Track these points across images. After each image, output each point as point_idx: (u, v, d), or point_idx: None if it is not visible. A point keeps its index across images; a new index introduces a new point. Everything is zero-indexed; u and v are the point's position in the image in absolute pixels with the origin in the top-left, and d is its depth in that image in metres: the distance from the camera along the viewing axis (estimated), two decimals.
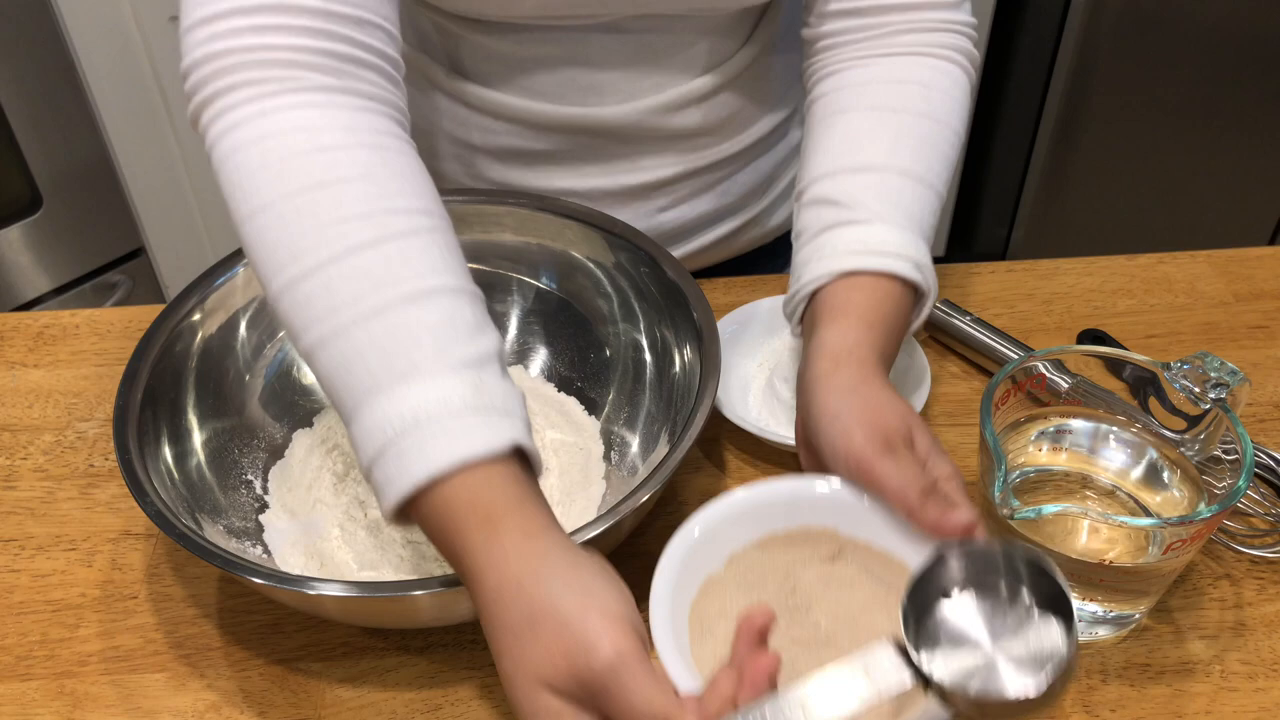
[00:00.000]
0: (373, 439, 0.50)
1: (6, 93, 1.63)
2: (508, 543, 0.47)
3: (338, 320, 0.51)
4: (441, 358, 0.50)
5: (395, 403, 0.49)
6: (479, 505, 0.48)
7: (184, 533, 0.57)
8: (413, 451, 0.49)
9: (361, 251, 0.52)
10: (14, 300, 1.77)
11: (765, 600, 0.53)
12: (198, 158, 1.86)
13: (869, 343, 0.59)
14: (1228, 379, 0.59)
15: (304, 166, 0.53)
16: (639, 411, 0.73)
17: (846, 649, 0.50)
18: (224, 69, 0.55)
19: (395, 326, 0.51)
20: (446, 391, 0.49)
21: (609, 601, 0.46)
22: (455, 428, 0.49)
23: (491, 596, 0.47)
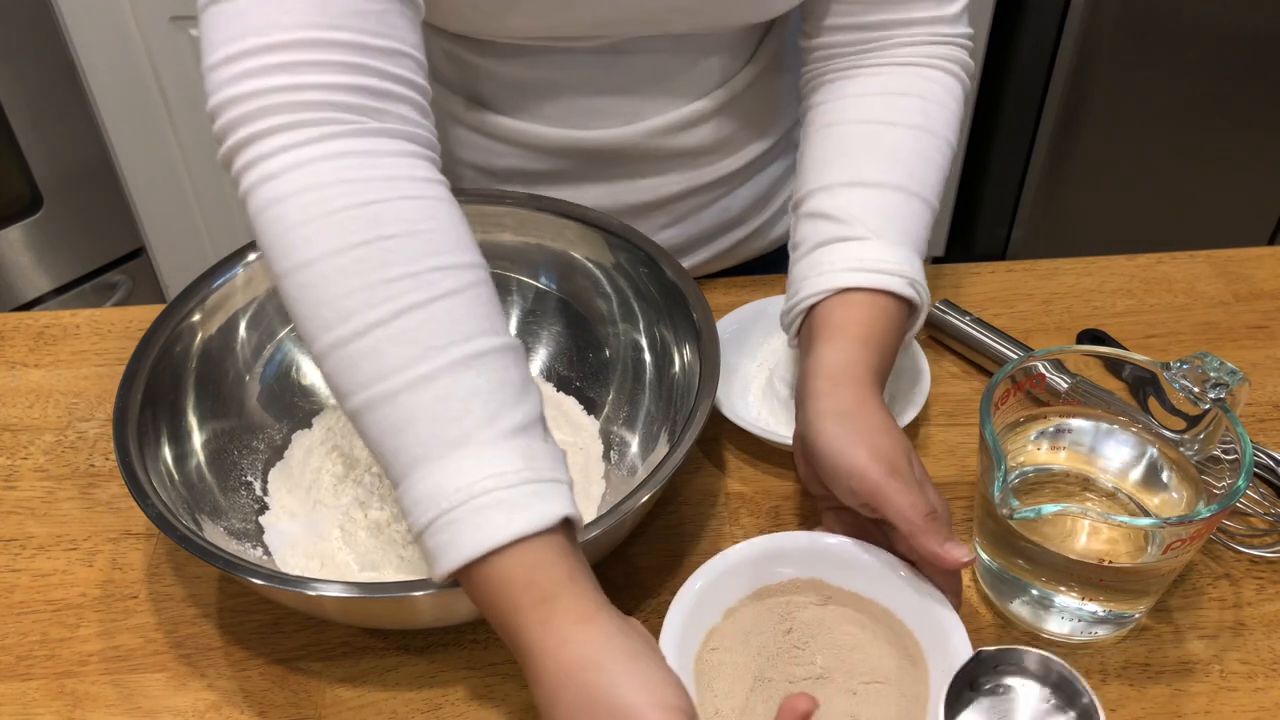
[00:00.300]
0: (423, 507, 0.50)
1: (6, 93, 1.63)
2: (564, 626, 0.49)
3: (387, 386, 0.51)
4: (493, 425, 0.50)
5: (448, 473, 0.50)
6: (534, 585, 0.49)
7: (184, 534, 0.57)
8: (466, 524, 0.49)
9: (410, 313, 0.51)
10: (14, 300, 1.77)
11: (764, 643, 0.58)
12: (198, 158, 1.86)
13: (864, 361, 0.61)
14: (1227, 379, 0.59)
15: (347, 223, 0.52)
16: (638, 412, 0.73)
17: (843, 685, 0.56)
18: (256, 112, 0.53)
19: (446, 393, 0.50)
20: (500, 464, 0.50)
21: (667, 695, 0.47)
22: (509, 500, 0.49)
23: (550, 680, 0.48)
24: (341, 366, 0.52)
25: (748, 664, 0.57)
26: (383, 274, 0.51)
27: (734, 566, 0.59)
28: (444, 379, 0.51)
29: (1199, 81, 1.76)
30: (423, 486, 0.50)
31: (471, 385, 0.51)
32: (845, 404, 0.59)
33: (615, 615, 0.50)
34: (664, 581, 0.65)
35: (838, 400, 0.59)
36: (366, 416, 0.52)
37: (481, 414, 0.50)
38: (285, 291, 0.53)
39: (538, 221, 0.76)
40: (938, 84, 0.70)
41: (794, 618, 0.59)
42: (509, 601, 0.49)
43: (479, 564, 0.49)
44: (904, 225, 0.65)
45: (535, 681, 0.49)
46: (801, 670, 0.57)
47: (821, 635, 0.58)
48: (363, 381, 0.51)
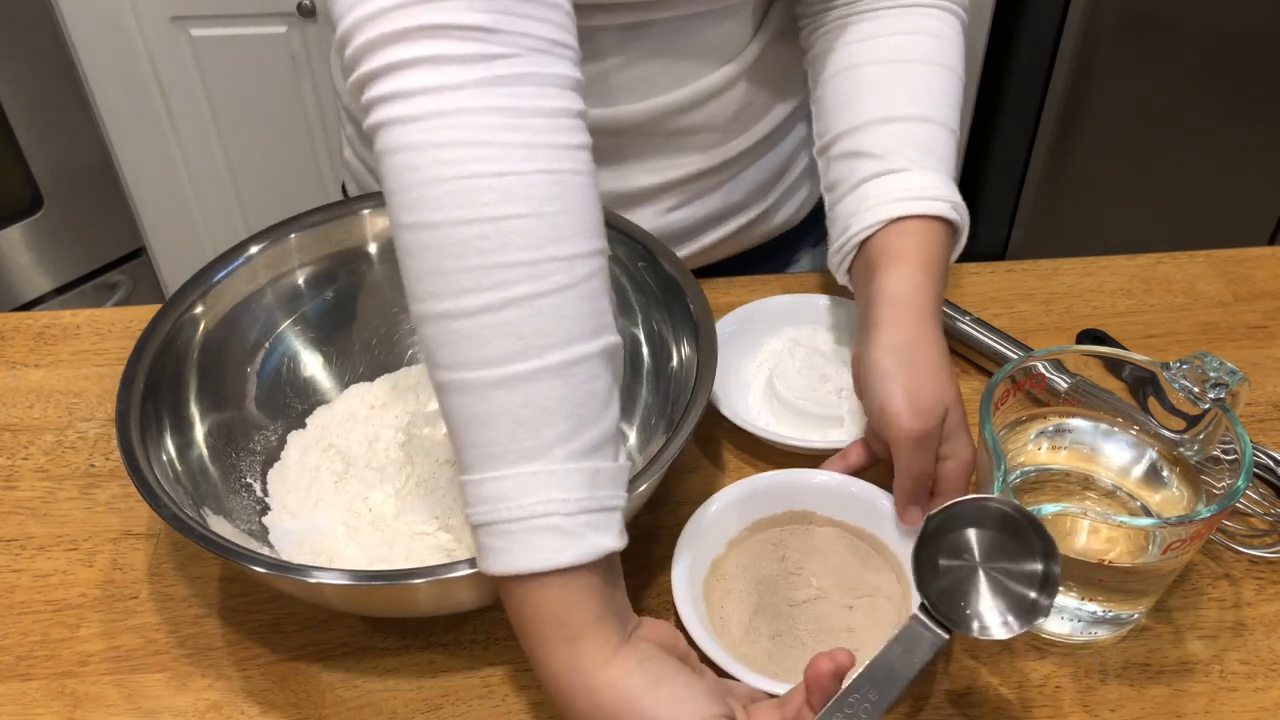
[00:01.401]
0: (487, 507, 0.51)
1: (6, 93, 1.63)
2: (590, 669, 0.51)
3: (479, 376, 0.51)
4: (570, 442, 0.51)
5: (517, 483, 0.51)
6: (565, 624, 0.51)
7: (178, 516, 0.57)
8: (520, 540, 0.51)
9: (518, 305, 0.51)
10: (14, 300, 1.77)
11: (763, 570, 0.64)
12: (198, 158, 1.86)
13: (925, 288, 0.65)
14: (1227, 379, 0.59)
15: (479, 193, 0.51)
16: (636, 406, 0.73)
17: (839, 601, 0.62)
18: (396, 35, 0.50)
19: (533, 398, 0.51)
20: (567, 488, 0.51)
21: (699, 707, 0.50)
22: (565, 528, 0.50)
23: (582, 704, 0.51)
24: (440, 340, 0.52)
25: (750, 589, 0.63)
26: (502, 256, 0.51)
27: (733, 502, 0.65)
28: (536, 383, 0.51)
29: (1199, 81, 1.76)
30: (491, 487, 0.51)
31: (560, 395, 0.51)
32: (903, 337, 0.63)
33: (637, 647, 0.52)
34: (664, 581, 0.65)
35: (896, 333, 0.63)
36: (453, 397, 0.52)
37: (563, 428, 0.51)
38: (402, 243, 0.53)
39: None
40: (941, 21, 0.73)
41: (787, 545, 0.65)
42: (540, 634, 0.52)
43: (520, 582, 0.51)
44: (938, 153, 0.69)
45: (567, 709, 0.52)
46: (800, 593, 0.63)
47: (815, 560, 0.64)
48: (458, 362, 0.51)
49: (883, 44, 0.73)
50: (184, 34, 1.71)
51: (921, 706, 0.59)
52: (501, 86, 0.52)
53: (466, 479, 0.52)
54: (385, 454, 0.70)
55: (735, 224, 0.89)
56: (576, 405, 0.52)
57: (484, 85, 0.51)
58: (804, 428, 0.73)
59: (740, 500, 0.65)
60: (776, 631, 0.61)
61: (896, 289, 0.65)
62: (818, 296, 0.81)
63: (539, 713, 0.60)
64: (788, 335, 0.80)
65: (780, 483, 0.67)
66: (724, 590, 0.63)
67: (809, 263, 0.98)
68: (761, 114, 0.84)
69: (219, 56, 1.74)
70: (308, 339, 0.76)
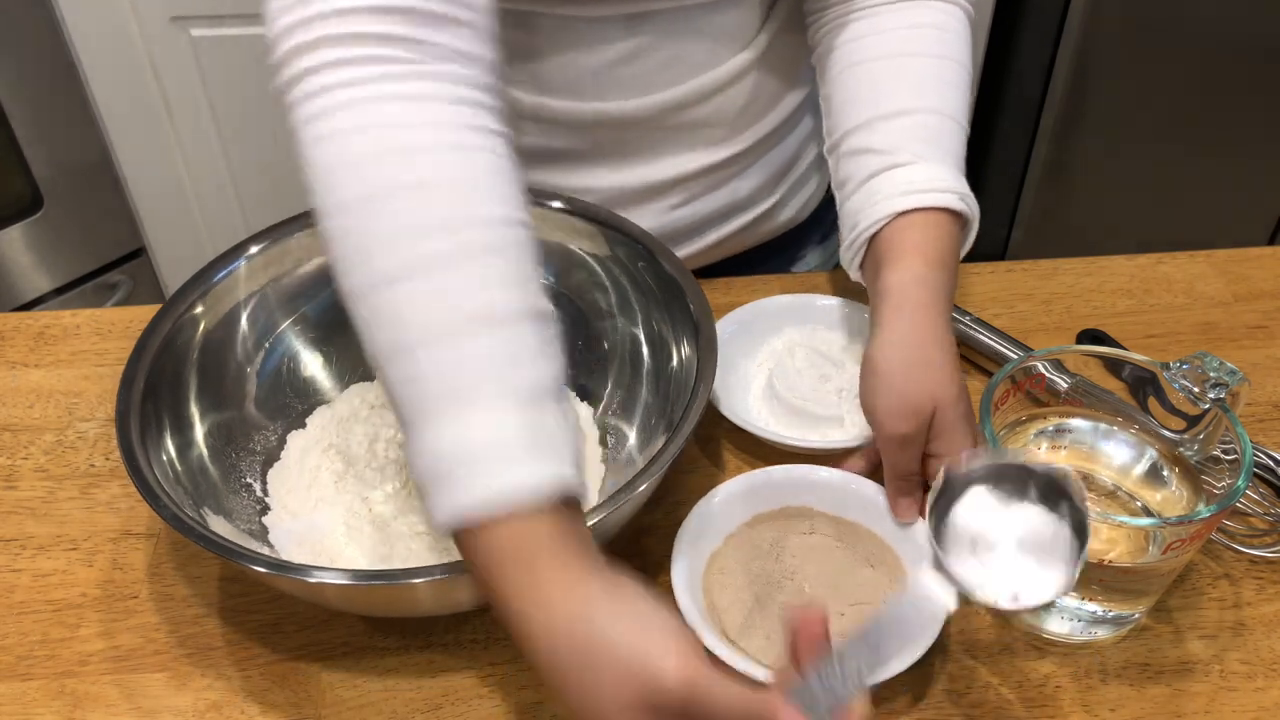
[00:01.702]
0: (425, 461, 0.51)
1: (6, 93, 1.63)
2: (549, 587, 0.48)
3: (408, 338, 0.51)
4: (503, 390, 0.50)
5: (452, 432, 0.50)
6: (521, 550, 0.49)
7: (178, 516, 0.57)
8: (461, 485, 0.49)
9: (438, 269, 0.51)
10: (14, 300, 1.77)
11: (759, 570, 0.64)
12: (198, 158, 1.86)
13: (927, 280, 0.65)
14: (1227, 379, 0.59)
15: (388, 168, 0.52)
16: (636, 405, 0.73)
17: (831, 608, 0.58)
18: (312, 44, 0.53)
19: (463, 355, 0.51)
20: (504, 431, 0.50)
21: (663, 620, 0.47)
22: (508, 462, 0.49)
23: (541, 641, 0.48)
24: (371, 312, 0.52)
25: (746, 586, 0.63)
26: (417, 220, 0.52)
27: (733, 495, 0.66)
28: (463, 341, 0.51)
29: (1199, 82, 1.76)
30: (428, 442, 0.50)
31: (489, 349, 0.51)
32: (899, 335, 0.64)
33: (604, 570, 0.49)
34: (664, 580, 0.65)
35: (893, 331, 0.64)
36: (386, 367, 0.52)
37: (494, 378, 0.51)
38: (325, 231, 0.54)
39: (536, 215, 0.76)
40: (948, 14, 0.73)
41: (783, 546, 0.65)
42: (495, 564, 0.49)
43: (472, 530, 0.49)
44: (945, 145, 0.69)
45: (527, 646, 0.49)
46: (793, 599, 0.63)
47: (809, 564, 0.64)
48: (387, 330, 0.52)
49: (887, 39, 0.73)
50: (184, 34, 1.71)
51: (921, 706, 0.59)
52: (411, 81, 0.54)
53: (409, 441, 0.51)
54: (385, 454, 0.70)
55: (741, 220, 0.89)
56: (510, 358, 0.51)
57: (392, 80, 0.53)
58: (804, 428, 0.73)
59: (740, 495, 0.66)
60: (769, 630, 0.61)
61: (896, 285, 0.65)
62: (817, 296, 0.81)
63: (539, 713, 0.60)
64: (788, 335, 0.80)
65: (781, 478, 0.67)
66: (721, 585, 0.63)
67: (815, 258, 0.98)
68: (769, 107, 0.84)
69: (219, 56, 1.74)
70: (308, 339, 0.76)
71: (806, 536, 0.66)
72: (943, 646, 0.62)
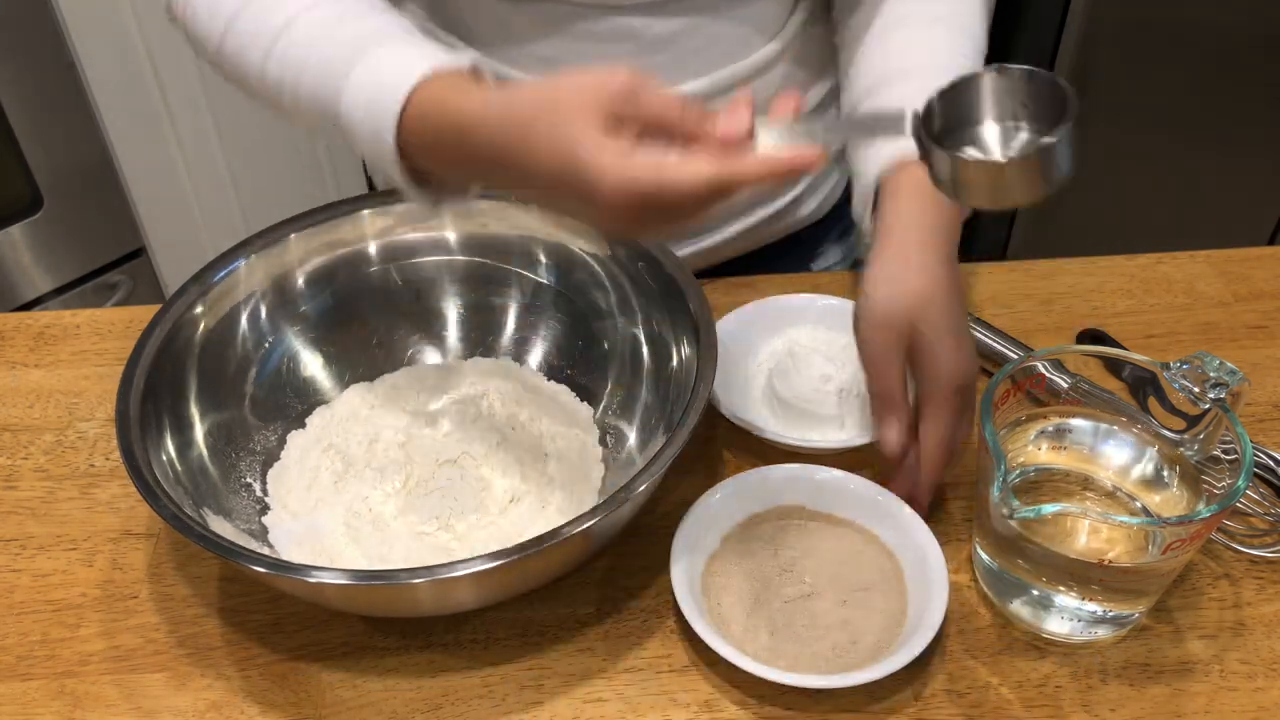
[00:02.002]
0: (354, 120, 0.58)
1: (6, 93, 1.63)
2: (483, 90, 0.55)
3: (303, 56, 0.61)
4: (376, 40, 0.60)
5: (358, 74, 0.58)
6: (448, 89, 0.55)
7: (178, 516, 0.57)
8: (385, 95, 0.56)
9: (295, 18, 0.62)
10: (14, 300, 1.77)
11: (757, 568, 0.64)
12: (198, 158, 1.86)
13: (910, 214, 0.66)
14: (1227, 379, 0.59)
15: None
16: (636, 406, 0.73)
17: (833, 597, 0.62)
18: None
19: (337, 37, 0.61)
20: (390, 57, 0.58)
21: (580, 66, 0.52)
22: (400, 58, 0.57)
23: (494, 122, 0.53)
24: (278, 70, 0.62)
25: (746, 586, 0.63)
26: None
27: (731, 495, 0.66)
28: (337, 33, 0.61)
29: (1199, 82, 1.76)
30: (346, 99, 0.58)
31: (364, 29, 0.61)
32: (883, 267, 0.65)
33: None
34: (664, 580, 0.65)
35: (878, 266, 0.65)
36: (296, 88, 0.62)
37: (362, 43, 0.60)
38: (220, 62, 0.67)
39: (537, 215, 0.76)
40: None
41: (780, 542, 0.66)
42: (436, 114, 0.55)
43: (407, 119, 0.56)
44: None
45: (485, 133, 0.53)
46: (793, 589, 0.63)
47: (807, 556, 0.65)
48: (291, 69, 0.62)
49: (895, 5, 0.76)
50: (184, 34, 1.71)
51: (921, 706, 0.59)
52: None
53: (341, 122, 0.59)
54: (385, 454, 0.70)
55: (764, 213, 0.89)
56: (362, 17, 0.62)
57: None
58: (804, 428, 0.73)
59: (738, 495, 0.66)
60: (774, 628, 0.61)
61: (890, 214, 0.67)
62: (818, 296, 0.81)
63: (539, 713, 0.60)
64: (788, 335, 0.80)
65: (779, 478, 0.67)
66: (720, 586, 0.64)
67: (835, 254, 0.99)
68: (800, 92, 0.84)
69: None
70: (308, 339, 0.76)
71: (801, 531, 0.66)
72: (943, 646, 0.62)
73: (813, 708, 0.59)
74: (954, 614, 0.64)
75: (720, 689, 0.60)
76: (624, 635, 0.63)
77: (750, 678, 0.58)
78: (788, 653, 0.60)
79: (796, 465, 0.68)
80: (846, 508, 0.67)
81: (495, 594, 0.61)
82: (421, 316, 0.79)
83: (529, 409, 0.74)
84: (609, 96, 0.49)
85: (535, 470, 0.70)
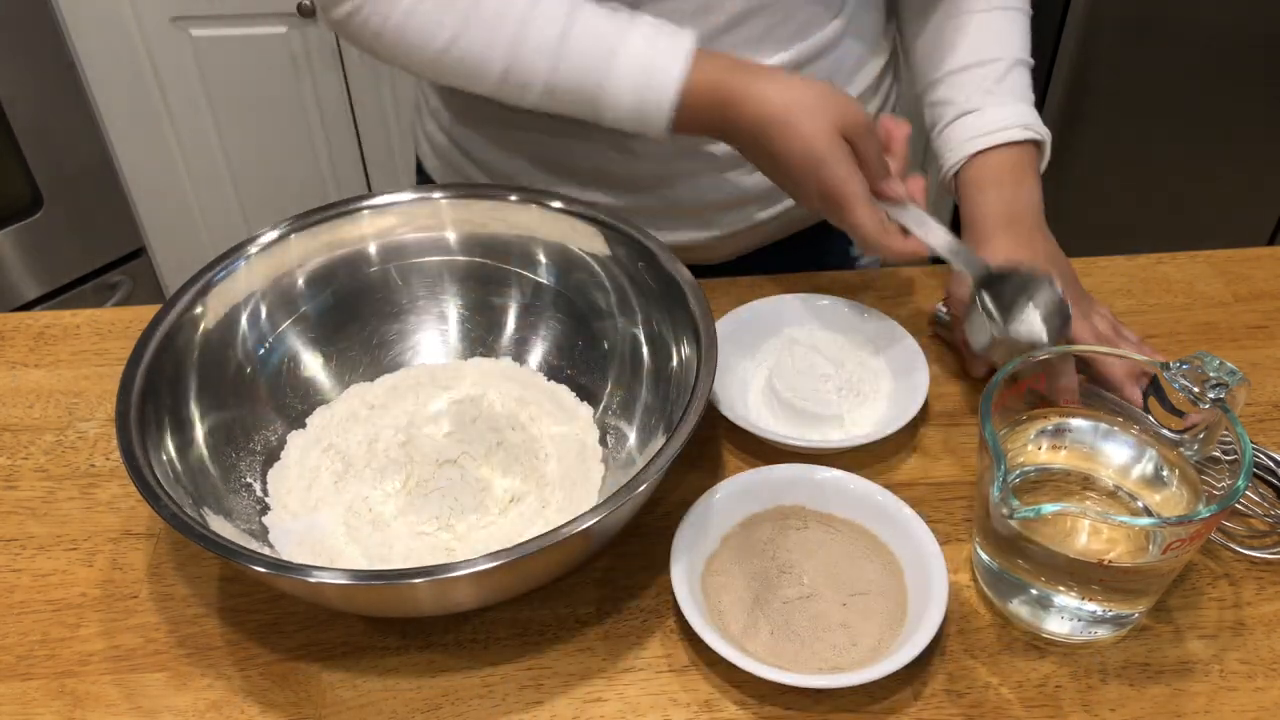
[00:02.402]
0: (625, 94, 0.72)
1: (6, 93, 1.63)
2: (760, 71, 0.72)
3: (548, 59, 0.72)
4: (620, 29, 0.72)
5: (620, 66, 0.71)
6: (727, 70, 0.72)
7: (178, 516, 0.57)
8: (659, 78, 0.71)
9: (527, 21, 0.71)
10: (14, 300, 1.77)
11: (756, 569, 0.65)
12: (198, 158, 1.86)
13: (991, 199, 0.80)
14: (1227, 379, 0.59)
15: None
16: (636, 406, 0.73)
17: (832, 599, 0.63)
18: None
19: (583, 46, 0.72)
20: (643, 43, 0.71)
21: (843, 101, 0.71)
22: (669, 49, 0.71)
23: (776, 103, 0.70)
24: (518, 66, 0.72)
25: (746, 586, 0.64)
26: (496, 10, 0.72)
27: (731, 495, 0.66)
28: (575, 33, 0.71)
29: (1199, 81, 1.76)
30: (616, 84, 0.71)
31: (593, 23, 0.72)
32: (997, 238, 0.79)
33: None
34: (664, 580, 0.65)
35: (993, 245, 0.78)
36: (551, 96, 0.73)
37: (611, 32, 0.72)
38: (446, 65, 0.74)
39: (536, 215, 0.76)
40: None
41: (778, 543, 0.66)
42: (716, 89, 0.71)
43: (687, 95, 0.71)
44: (1008, 86, 0.82)
45: (762, 113, 0.70)
46: (793, 590, 0.63)
47: (806, 558, 0.65)
48: (541, 58, 0.72)
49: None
50: (184, 34, 1.71)
51: (921, 706, 0.59)
52: None
53: (602, 109, 0.73)
54: (385, 454, 0.70)
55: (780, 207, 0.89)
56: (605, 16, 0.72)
57: None
58: (804, 427, 0.73)
59: (737, 495, 0.67)
60: (774, 627, 0.61)
61: (972, 213, 0.80)
62: (817, 296, 0.81)
63: (539, 712, 0.60)
64: (787, 335, 0.80)
65: (778, 478, 0.68)
66: (720, 586, 0.64)
67: None
68: (856, 70, 0.87)
69: (219, 56, 1.74)
70: (308, 339, 0.76)
71: (801, 531, 0.66)
72: (942, 646, 0.62)
73: (812, 708, 0.59)
74: (954, 614, 0.64)
75: (720, 689, 0.60)
76: (624, 635, 0.63)
77: (750, 678, 0.58)
78: (787, 653, 0.60)
79: (796, 465, 0.68)
80: (846, 508, 0.67)
81: (495, 594, 0.61)
82: (421, 316, 0.79)
83: (529, 409, 0.74)
84: (851, 123, 0.70)
85: (535, 470, 0.70)
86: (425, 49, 0.74)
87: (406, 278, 0.78)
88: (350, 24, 0.75)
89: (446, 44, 0.73)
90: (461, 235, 0.78)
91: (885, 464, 0.73)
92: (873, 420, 0.74)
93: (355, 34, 0.76)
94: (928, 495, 0.70)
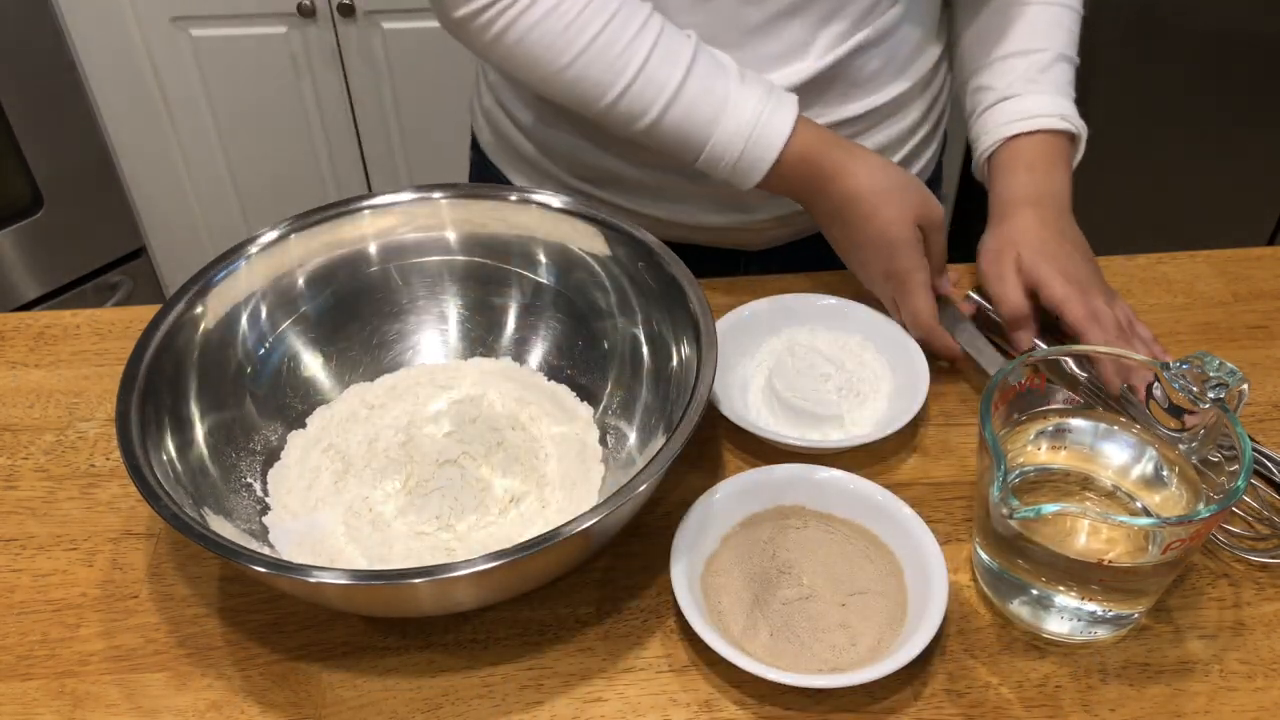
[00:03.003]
0: (727, 150, 0.75)
1: (6, 93, 1.63)
2: (854, 151, 0.76)
3: (665, 98, 0.74)
4: (728, 85, 0.74)
5: (730, 120, 0.74)
6: (821, 145, 0.76)
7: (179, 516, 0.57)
8: (762, 139, 0.74)
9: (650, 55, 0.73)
10: (14, 300, 1.78)
11: (755, 569, 0.65)
12: (198, 158, 1.86)
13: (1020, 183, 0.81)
14: (1227, 379, 0.59)
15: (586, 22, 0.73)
16: (636, 405, 0.73)
17: (831, 599, 0.63)
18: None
19: (700, 88, 0.74)
20: (753, 102, 0.74)
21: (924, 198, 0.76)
22: (773, 111, 0.74)
23: (865, 181, 0.75)
24: (629, 107, 0.74)
25: (746, 586, 0.64)
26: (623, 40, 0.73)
27: (731, 495, 0.67)
28: (692, 82, 0.74)
29: (1199, 82, 1.76)
30: (722, 136, 0.74)
31: (702, 78, 0.74)
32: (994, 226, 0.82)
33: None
34: (664, 580, 0.65)
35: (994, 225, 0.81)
36: (655, 129, 0.75)
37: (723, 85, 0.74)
38: (564, 81, 0.74)
39: (536, 215, 0.76)
40: None
41: (777, 543, 0.66)
42: (811, 162, 0.75)
43: (783, 160, 0.75)
44: (1050, 78, 0.84)
45: (851, 188, 0.75)
46: (792, 591, 0.64)
47: (805, 558, 0.65)
48: (646, 105, 0.74)
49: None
50: (184, 34, 1.71)
51: (921, 706, 0.59)
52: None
53: (705, 158, 0.76)
54: (385, 454, 0.70)
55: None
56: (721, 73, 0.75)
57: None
58: (804, 427, 0.73)
59: (737, 495, 0.67)
60: (774, 628, 0.61)
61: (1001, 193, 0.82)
62: (818, 296, 0.81)
63: (539, 713, 0.60)
64: (787, 335, 0.80)
65: (778, 478, 0.67)
66: (720, 586, 0.64)
67: None
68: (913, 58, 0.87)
69: (219, 56, 1.75)
70: (308, 339, 0.76)
71: (800, 531, 0.66)
72: (942, 646, 0.62)
73: (812, 708, 0.59)
74: (954, 614, 0.64)
75: (720, 689, 0.60)
76: (624, 635, 0.63)
77: (750, 678, 0.58)
78: (787, 653, 0.60)
79: (796, 465, 0.68)
80: (846, 508, 0.67)
81: (495, 594, 0.61)
82: (421, 316, 0.79)
83: (529, 409, 0.74)
84: (926, 215, 0.76)
85: (535, 470, 0.70)
86: (547, 64, 0.74)
87: (406, 278, 0.78)
88: (470, 26, 0.74)
89: (568, 63, 0.73)
90: (461, 235, 0.78)
91: (885, 464, 0.73)
92: (873, 420, 0.74)
93: (473, 36, 0.75)
94: (927, 495, 0.70)
